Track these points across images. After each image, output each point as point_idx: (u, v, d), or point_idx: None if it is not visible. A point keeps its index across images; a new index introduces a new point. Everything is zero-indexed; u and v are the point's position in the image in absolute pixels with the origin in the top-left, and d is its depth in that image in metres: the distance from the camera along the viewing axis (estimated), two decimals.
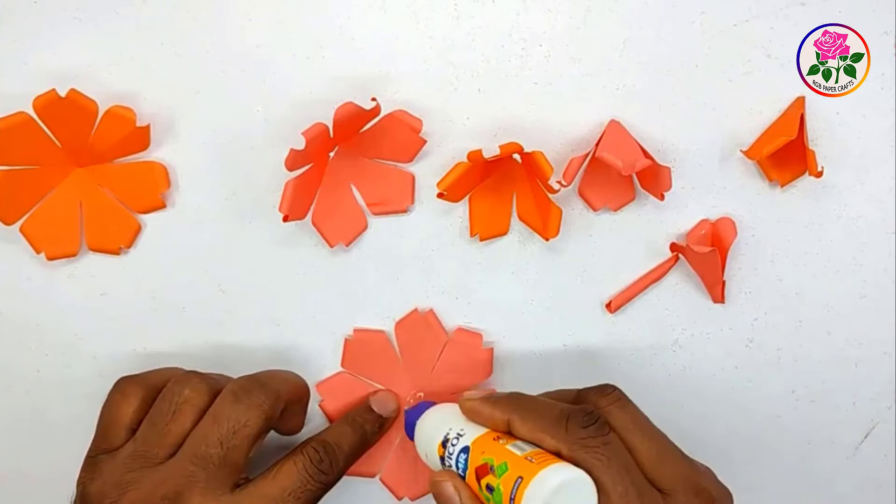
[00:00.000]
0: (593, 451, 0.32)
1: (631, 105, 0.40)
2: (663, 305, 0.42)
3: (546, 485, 0.30)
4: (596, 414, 0.33)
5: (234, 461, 0.33)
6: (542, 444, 0.33)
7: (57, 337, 0.41)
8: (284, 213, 0.37)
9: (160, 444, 0.34)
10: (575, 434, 0.32)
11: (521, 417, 0.33)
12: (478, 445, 0.34)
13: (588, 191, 0.40)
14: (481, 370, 0.42)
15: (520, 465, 0.32)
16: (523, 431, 0.33)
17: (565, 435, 0.32)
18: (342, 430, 0.38)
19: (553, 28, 0.39)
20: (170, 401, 0.35)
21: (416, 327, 0.41)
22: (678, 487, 0.33)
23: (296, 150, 0.35)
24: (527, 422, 0.33)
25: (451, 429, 0.36)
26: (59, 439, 0.42)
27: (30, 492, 0.43)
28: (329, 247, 0.40)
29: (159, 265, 0.40)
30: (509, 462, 0.32)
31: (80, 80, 0.38)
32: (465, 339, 0.41)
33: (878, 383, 0.43)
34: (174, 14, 0.38)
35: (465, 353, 0.41)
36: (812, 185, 0.41)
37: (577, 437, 0.32)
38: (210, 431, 0.34)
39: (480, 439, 0.34)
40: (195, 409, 0.35)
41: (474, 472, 0.33)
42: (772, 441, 0.44)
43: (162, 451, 0.34)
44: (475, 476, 0.33)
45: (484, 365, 0.41)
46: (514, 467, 0.32)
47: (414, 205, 0.41)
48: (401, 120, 0.38)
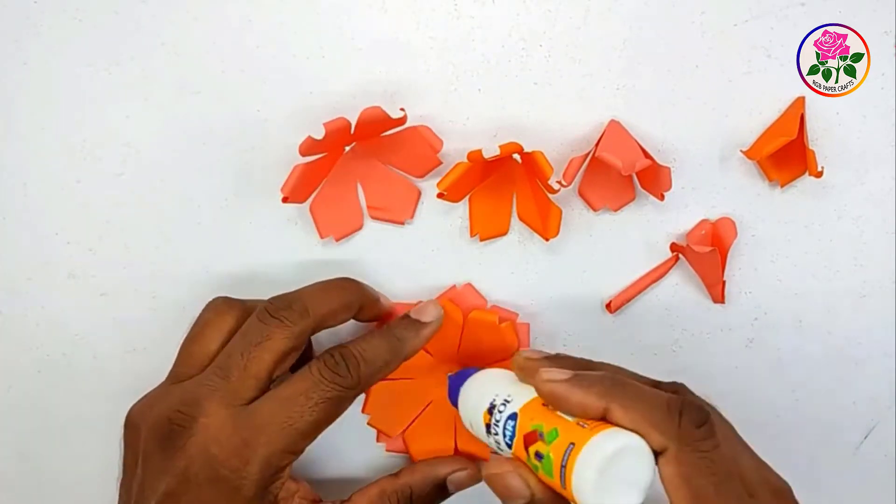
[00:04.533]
0: (704, 457, 0.29)
1: (631, 105, 0.40)
2: (663, 305, 0.42)
3: (600, 451, 0.28)
4: (706, 410, 0.30)
5: (254, 373, 0.33)
6: (646, 438, 0.29)
7: (57, 337, 0.41)
8: (286, 194, 0.37)
9: (187, 365, 0.35)
10: (689, 433, 0.29)
11: (623, 406, 0.30)
12: (526, 411, 0.32)
13: (588, 191, 0.40)
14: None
15: (571, 431, 0.30)
16: (625, 422, 0.29)
17: (678, 431, 0.29)
18: (368, 337, 0.36)
19: (553, 28, 0.39)
20: (195, 324, 0.36)
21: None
22: (758, 490, 0.31)
23: (313, 139, 0.35)
24: (629, 411, 0.30)
25: (497, 395, 0.34)
26: (60, 439, 0.42)
27: (30, 492, 0.43)
28: (320, 238, 0.40)
29: (159, 265, 0.40)
30: (560, 428, 0.30)
31: (82, 80, 0.38)
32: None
33: (878, 383, 0.43)
34: (174, 14, 0.38)
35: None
36: (812, 185, 0.41)
37: (690, 437, 0.29)
38: (235, 344, 0.34)
39: (529, 405, 0.32)
40: (217, 330, 0.35)
41: (522, 439, 0.31)
42: (772, 441, 0.43)
43: (190, 371, 0.34)
44: (523, 444, 0.31)
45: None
46: (566, 433, 0.30)
47: (413, 220, 0.41)
48: (422, 136, 0.38)
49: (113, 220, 0.40)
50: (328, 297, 0.36)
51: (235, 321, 0.35)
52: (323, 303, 0.35)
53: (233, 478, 0.32)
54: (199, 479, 0.32)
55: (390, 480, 0.38)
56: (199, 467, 0.32)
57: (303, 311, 0.35)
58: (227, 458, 0.32)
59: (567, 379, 0.31)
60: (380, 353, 0.36)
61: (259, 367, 0.33)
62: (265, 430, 0.32)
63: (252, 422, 0.33)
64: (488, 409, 0.34)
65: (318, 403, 0.33)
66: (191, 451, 0.32)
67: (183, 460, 0.32)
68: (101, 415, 0.42)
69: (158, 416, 0.33)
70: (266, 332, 0.34)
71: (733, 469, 0.30)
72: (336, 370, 0.34)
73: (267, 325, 0.34)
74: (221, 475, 0.32)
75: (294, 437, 0.33)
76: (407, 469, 0.39)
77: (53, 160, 0.39)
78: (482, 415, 0.34)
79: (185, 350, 0.35)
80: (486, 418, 0.34)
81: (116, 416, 0.42)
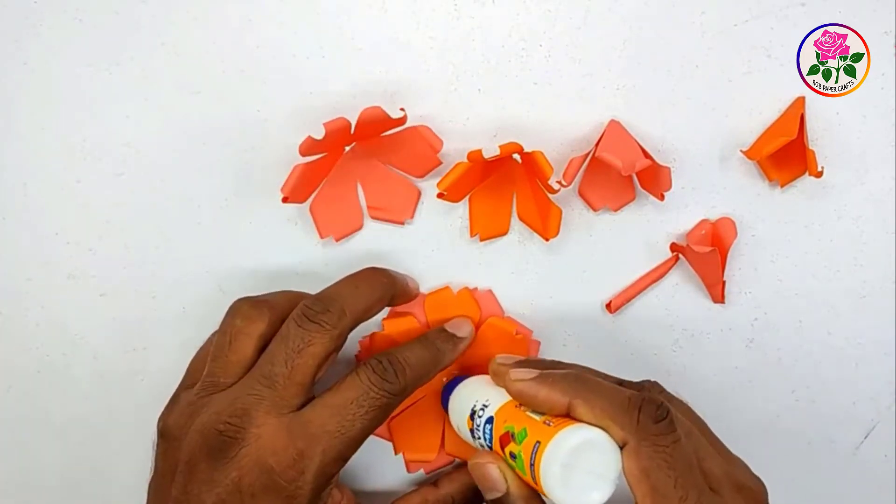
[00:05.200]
0: (662, 451, 0.30)
1: (631, 105, 0.40)
2: (663, 305, 0.42)
3: (562, 447, 0.30)
4: (665, 407, 0.31)
5: (299, 380, 0.33)
6: (608, 432, 0.31)
7: (57, 337, 0.41)
8: (286, 193, 0.37)
9: (224, 374, 0.34)
10: (646, 428, 0.30)
11: (586, 401, 0.31)
12: (501, 414, 0.33)
13: (588, 191, 0.40)
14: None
15: (538, 430, 0.31)
16: (588, 417, 0.31)
17: (635, 428, 0.30)
18: (410, 345, 0.37)
19: (553, 28, 0.39)
20: (224, 332, 0.35)
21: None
22: (723, 485, 0.32)
23: (313, 139, 0.35)
24: (592, 407, 0.31)
25: (477, 400, 0.35)
26: (60, 440, 0.42)
27: (30, 492, 0.42)
28: (320, 238, 0.40)
29: (159, 265, 0.40)
30: (528, 427, 0.31)
31: (82, 80, 0.38)
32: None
33: (878, 383, 0.43)
34: (174, 14, 0.38)
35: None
36: (812, 185, 0.41)
37: (647, 431, 0.30)
38: (276, 351, 0.34)
39: (503, 408, 0.33)
40: (250, 337, 0.34)
41: (498, 440, 0.32)
42: (771, 441, 0.44)
43: (228, 380, 0.34)
44: (500, 445, 0.32)
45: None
46: (533, 432, 0.31)
47: (413, 219, 0.41)
48: (423, 136, 0.38)
49: (113, 220, 0.40)
50: (363, 293, 0.36)
51: (267, 325, 0.35)
52: (359, 301, 0.35)
53: (289, 488, 0.32)
54: (254, 489, 0.32)
55: (431, 490, 0.39)
56: (253, 478, 0.32)
57: (341, 313, 0.34)
58: (285, 469, 0.32)
59: (533, 378, 0.33)
60: (423, 362, 0.36)
61: (304, 374, 0.33)
62: (320, 440, 0.32)
63: (306, 431, 0.32)
64: (470, 415, 0.35)
65: (370, 411, 0.33)
66: (243, 462, 0.32)
67: (235, 471, 0.32)
68: (100, 415, 0.42)
69: (205, 427, 0.33)
70: (307, 339, 0.33)
71: (694, 464, 0.31)
72: (385, 377, 0.34)
73: (307, 331, 0.34)
74: (278, 485, 0.32)
75: (347, 444, 0.33)
76: (446, 478, 0.40)
77: (53, 160, 0.39)
78: (466, 420, 0.35)
79: (219, 359, 0.35)
80: (469, 423, 0.35)
81: (116, 416, 0.42)
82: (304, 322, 0.34)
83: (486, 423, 0.34)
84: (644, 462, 0.30)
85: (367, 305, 0.36)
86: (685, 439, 0.31)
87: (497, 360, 0.36)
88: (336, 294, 0.35)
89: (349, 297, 0.35)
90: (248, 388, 0.33)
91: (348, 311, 0.35)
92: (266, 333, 0.35)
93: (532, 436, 0.31)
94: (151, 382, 0.42)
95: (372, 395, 0.33)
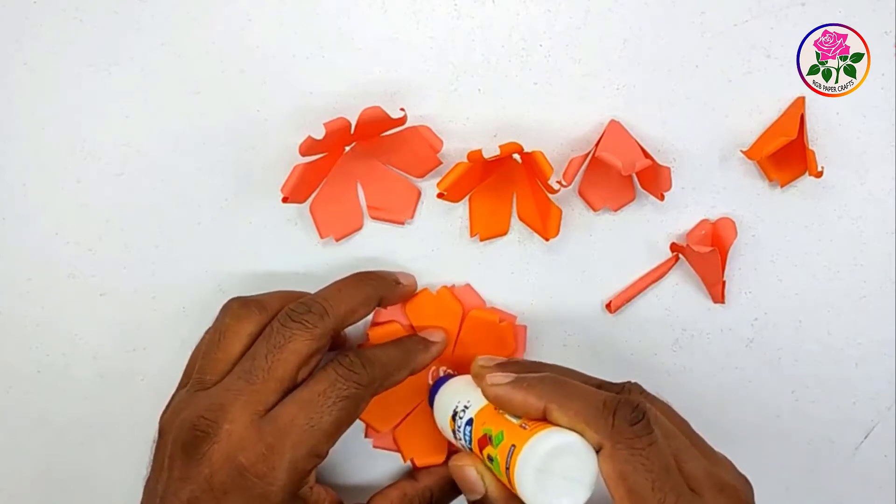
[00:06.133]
0: (638, 454, 0.30)
1: (631, 105, 0.40)
2: (663, 305, 0.42)
3: (536, 451, 0.30)
4: (641, 408, 0.31)
5: (279, 375, 0.33)
6: (583, 436, 0.31)
7: (57, 337, 0.41)
8: (286, 194, 0.37)
9: (211, 371, 0.34)
10: (621, 431, 0.30)
11: (561, 405, 0.31)
12: (480, 416, 0.33)
13: (588, 191, 0.40)
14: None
15: (514, 434, 0.31)
16: (563, 421, 0.31)
17: (610, 431, 0.30)
18: (382, 345, 0.38)
19: (553, 28, 0.39)
20: (215, 330, 0.35)
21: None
22: (704, 486, 0.32)
23: (313, 139, 0.35)
24: (567, 411, 0.31)
25: (459, 401, 0.35)
26: (59, 440, 0.42)
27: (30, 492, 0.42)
28: (320, 238, 0.40)
29: (159, 265, 0.40)
30: (505, 431, 0.31)
31: (82, 80, 0.38)
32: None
33: (878, 383, 0.43)
34: (174, 14, 0.38)
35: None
36: (812, 185, 0.41)
37: (622, 434, 0.30)
38: (258, 348, 0.34)
39: (483, 410, 0.33)
40: (238, 336, 0.35)
41: (477, 443, 0.33)
42: (771, 441, 0.44)
43: (213, 377, 0.34)
44: (478, 448, 0.32)
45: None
46: (509, 436, 0.31)
47: (413, 220, 0.41)
48: (423, 136, 0.38)
49: (113, 220, 0.40)
50: (346, 295, 0.36)
51: (255, 325, 0.35)
52: (341, 302, 0.36)
53: (260, 484, 0.32)
54: (225, 486, 0.32)
55: (411, 483, 0.39)
56: (224, 475, 0.32)
57: (322, 312, 0.35)
58: (254, 464, 0.32)
59: (509, 382, 0.33)
60: (392, 358, 0.36)
61: (284, 370, 0.33)
62: (289, 434, 0.32)
63: (275, 426, 0.32)
64: (452, 416, 0.35)
65: (337, 402, 0.33)
66: (214, 458, 0.32)
67: (206, 468, 0.32)
68: (100, 415, 0.42)
69: (182, 423, 0.33)
70: (288, 335, 0.34)
71: (672, 465, 0.31)
72: (351, 368, 0.34)
73: (289, 329, 0.34)
74: (248, 482, 0.32)
75: (318, 438, 0.33)
76: (424, 471, 0.40)
77: (53, 160, 0.39)
78: (449, 421, 0.36)
79: (208, 356, 0.35)
80: (452, 424, 0.35)
81: (116, 416, 0.42)
82: (287, 321, 0.34)
83: (466, 424, 0.34)
84: (620, 465, 0.30)
85: (350, 307, 0.36)
86: (663, 440, 0.31)
87: (478, 363, 0.36)
88: (319, 296, 0.36)
89: (332, 298, 0.36)
90: (229, 383, 0.34)
91: (331, 312, 0.35)
92: (255, 333, 0.35)
93: (508, 439, 0.31)
94: (151, 382, 0.42)
95: (339, 385, 0.33)
